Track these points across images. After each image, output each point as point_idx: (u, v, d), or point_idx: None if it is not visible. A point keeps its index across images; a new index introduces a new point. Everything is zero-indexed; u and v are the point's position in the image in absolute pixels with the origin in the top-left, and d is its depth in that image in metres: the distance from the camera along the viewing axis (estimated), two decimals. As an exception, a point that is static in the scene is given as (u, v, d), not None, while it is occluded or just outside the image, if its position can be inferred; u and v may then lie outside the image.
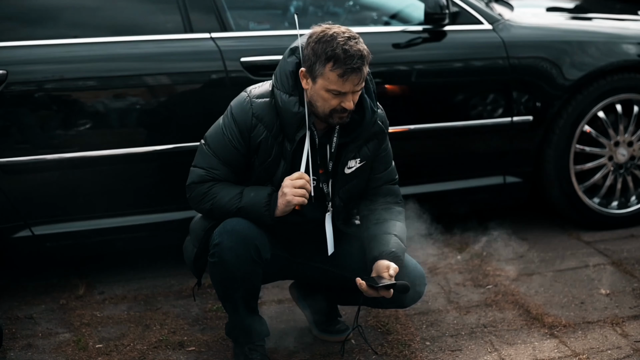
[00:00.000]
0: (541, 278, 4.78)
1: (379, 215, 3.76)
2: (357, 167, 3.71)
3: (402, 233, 3.73)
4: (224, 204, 3.58)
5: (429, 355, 4.01)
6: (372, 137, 3.73)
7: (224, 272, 3.56)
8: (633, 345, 4.05)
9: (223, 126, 3.64)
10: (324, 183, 3.68)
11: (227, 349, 4.05)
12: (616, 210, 5.44)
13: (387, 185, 3.84)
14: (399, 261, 3.61)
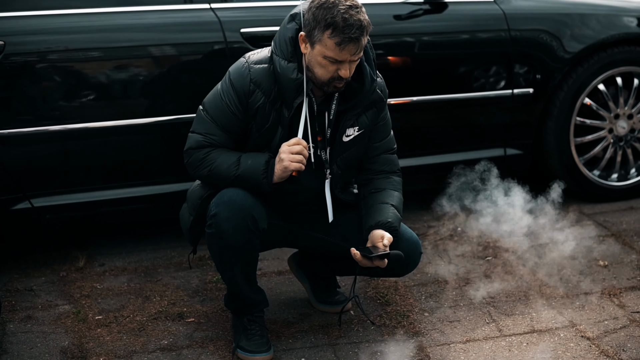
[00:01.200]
0: (541, 249, 4.79)
1: (376, 184, 3.77)
2: (356, 135, 3.71)
3: (399, 203, 3.74)
4: (222, 172, 3.59)
5: (427, 326, 4.02)
6: (371, 106, 3.73)
7: (221, 242, 3.58)
8: (630, 316, 4.06)
9: (221, 92, 3.63)
10: (322, 150, 3.68)
11: (226, 320, 4.07)
12: (616, 182, 5.44)
13: (385, 154, 3.83)
14: (394, 231, 3.61)
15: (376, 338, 3.93)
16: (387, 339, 3.92)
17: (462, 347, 3.85)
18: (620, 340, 3.86)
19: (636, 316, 4.06)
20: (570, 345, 3.83)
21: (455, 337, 3.93)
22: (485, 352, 3.80)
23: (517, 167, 5.32)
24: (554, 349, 3.81)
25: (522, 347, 3.84)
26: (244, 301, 3.76)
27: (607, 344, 3.83)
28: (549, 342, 3.86)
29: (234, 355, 3.78)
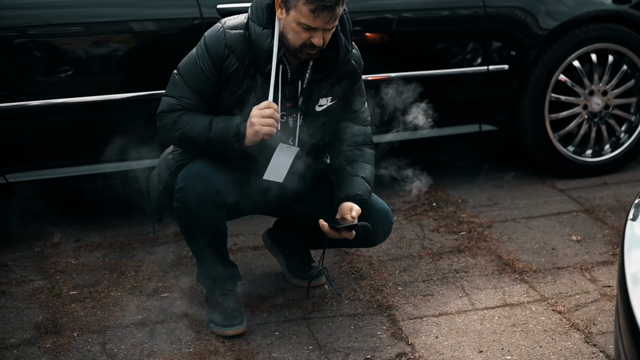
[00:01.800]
0: (514, 225, 4.82)
1: (348, 156, 3.77)
2: (329, 105, 3.71)
3: (370, 175, 3.75)
4: (194, 135, 3.57)
5: (401, 300, 4.05)
6: (345, 76, 3.73)
7: (188, 216, 3.59)
8: (601, 290, 4.10)
9: (196, 56, 3.62)
10: (291, 117, 3.69)
11: (200, 295, 4.08)
12: (590, 158, 5.47)
13: (358, 126, 3.83)
14: (364, 204, 3.63)
15: (350, 312, 3.96)
16: (361, 313, 3.95)
17: (435, 321, 3.88)
18: (590, 314, 3.90)
19: (607, 290, 4.09)
20: (542, 319, 3.87)
21: (428, 311, 3.96)
22: (458, 325, 3.84)
23: (492, 143, 5.34)
24: (525, 322, 3.84)
25: (493, 320, 3.87)
26: (214, 275, 3.78)
27: (578, 318, 3.87)
28: (520, 316, 3.89)
29: (207, 330, 3.80)
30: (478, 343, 3.70)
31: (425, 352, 3.64)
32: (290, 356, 3.63)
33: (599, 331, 3.76)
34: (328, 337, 3.77)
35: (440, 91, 5.17)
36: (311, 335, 3.78)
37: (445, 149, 5.35)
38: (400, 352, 3.64)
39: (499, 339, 3.73)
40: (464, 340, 3.72)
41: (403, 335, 3.77)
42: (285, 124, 3.68)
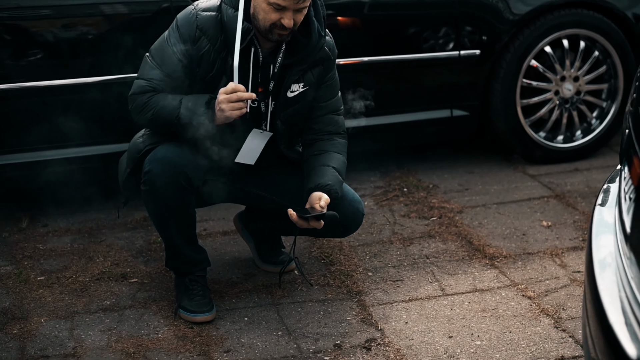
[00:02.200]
0: (485, 210, 4.81)
1: (320, 146, 3.76)
2: (300, 91, 3.69)
3: (341, 166, 3.72)
4: (165, 115, 3.55)
5: (371, 286, 4.04)
6: (318, 63, 3.70)
7: (155, 200, 3.56)
8: (571, 276, 4.10)
9: (167, 38, 3.60)
10: (263, 102, 3.66)
11: (169, 280, 4.06)
12: (561, 144, 5.47)
13: (331, 114, 3.81)
14: (334, 194, 3.60)
15: (319, 297, 3.94)
16: (331, 299, 3.93)
17: (405, 306, 3.87)
18: (560, 299, 3.90)
19: (577, 276, 4.10)
20: (511, 305, 3.87)
21: (398, 296, 3.95)
22: (427, 310, 3.83)
23: (463, 128, 5.33)
24: (495, 307, 3.84)
25: (463, 306, 3.86)
26: (183, 260, 3.75)
27: (548, 303, 3.87)
28: (490, 301, 3.89)
29: (176, 315, 3.77)
30: (448, 328, 3.69)
31: (394, 337, 3.63)
32: (259, 342, 3.61)
33: (568, 316, 3.76)
34: (297, 322, 3.75)
35: (412, 76, 5.16)
36: (280, 320, 3.76)
37: (417, 134, 5.33)
38: (370, 338, 3.63)
39: (468, 324, 3.72)
40: (434, 326, 3.71)
41: (373, 320, 3.76)
42: (258, 109, 3.66)
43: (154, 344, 3.58)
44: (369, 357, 3.50)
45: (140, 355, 3.51)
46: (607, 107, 5.48)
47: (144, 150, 3.64)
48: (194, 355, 3.52)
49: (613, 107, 5.46)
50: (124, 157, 3.83)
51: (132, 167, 3.69)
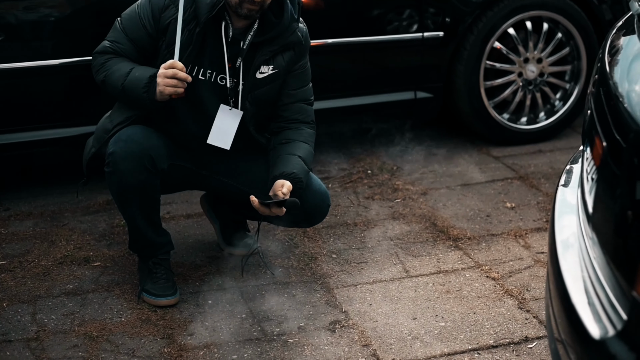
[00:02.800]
0: (449, 192, 4.82)
1: (287, 135, 3.73)
2: (269, 74, 3.67)
3: (307, 155, 3.70)
4: (113, 80, 3.57)
5: (335, 268, 4.03)
6: (289, 47, 3.69)
7: (119, 182, 3.53)
8: (534, 257, 4.12)
9: (138, 4, 3.65)
10: (231, 79, 3.65)
11: (132, 264, 4.03)
12: (525, 126, 5.49)
13: (300, 103, 3.79)
14: (299, 183, 3.58)
15: (283, 280, 3.93)
16: (295, 281, 3.93)
17: (369, 288, 3.87)
18: (524, 280, 3.92)
19: (540, 257, 4.12)
20: (476, 286, 3.88)
21: (362, 279, 3.95)
22: (392, 292, 3.83)
23: (427, 110, 5.33)
24: (459, 289, 3.85)
25: (427, 287, 3.87)
26: (146, 243, 3.73)
27: (512, 284, 3.88)
28: (454, 283, 3.90)
29: (139, 299, 3.75)
30: (412, 310, 3.70)
31: (359, 319, 3.63)
32: (223, 325, 3.60)
33: (532, 297, 3.78)
34: (261, 305, 3.74)
35: (375, 58, 5.15)
36: (244, 303, 3.75)
37: (381, 115, 5.33)
38: (334, 320, 3.63)
39: (432, 305, 3.73)
40: (398, 307, 3.72)
41: (337, 303, 3.76)
42: (224, 86, 3.64)
43: (118, 328, 3.56)
44: (333, 339, 3.50)
45: (104, 339, 3.49)
46: (570, 88, 5.50)
47: (112, 130, 3.61)
48: (158, 339, 3.50)
49: (576, 88, 5.48)
50: (91, 138, 3.80)
51: (98, 147, 3.66)
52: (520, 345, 3.46)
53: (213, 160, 3.78)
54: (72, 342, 3.47)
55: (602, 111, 2.53)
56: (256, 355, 3.40)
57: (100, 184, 4.60)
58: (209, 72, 3.63)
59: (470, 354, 3.40)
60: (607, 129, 2.42)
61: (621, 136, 2.31)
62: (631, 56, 2.62)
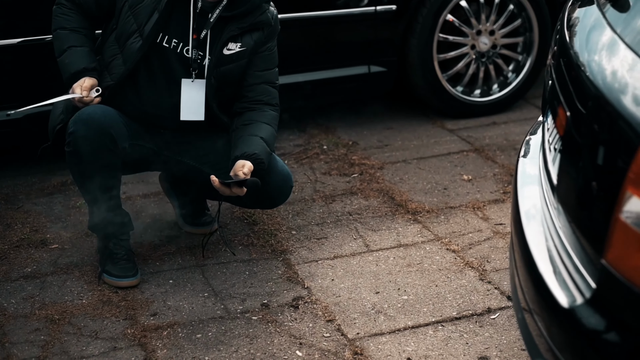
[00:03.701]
0: (405, 166, 4.83)
1: (250, 116, 3.70)
2: (237, 51, 3.65)
3: (269, 137, 3.67)
4: (55, 45, 3.68)
5: (295, 244, 4.03)
6: (258, 27, 3.68)
7: (80, 162, 3.49)
8: (493, 228, 4.14)
9: None
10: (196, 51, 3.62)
11: (91, 245, 3.99)
12: (479, 98, 5.50)
13: (265, 85, 3.76)
14: (261, 164, 3.55)
15: (244, 258, 3.92)
16: (255, 258, 3.92)
17: (330, 263, 3.87)
18: (484, 252, 3.94)
19: (499, 228, 4.14)
20: (436, 259, 3.89)
21: (323, 254, 3.95)
22: (353, 267, 3.84)
23: (381, 84, 5.33)
24: (420, 262, 3.87)
25: (389, 261, 3.88)
26: (107, 224, 3.69)
27: (472, 256, 3.90)
28: (415, 256, 3.91)
29: (100, 280, 3.72)
30: (374, 284, 3.70)
31: (321, 295, 3.63)
32: (185, 304, 3.58)
33: (492, 268, 3.80)
34: (223, 283, 3.73)
35: (328, 32, 5.13)
36: (206, 282, 3.74)
37: (335, 90, 5.31)
38: (297, 296, 3.62)
39: (394, 279, 3.74)
40: (360, 282, 3.72)
41: (299, 279, 3.76)
42: (187, 58, 3.62)
43: (79, 310, 3.53)
44: (297, 315, 3.50)
45: (65, 321, 3.46)
46: (522, 60, 5.53)
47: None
48: (120, 320, 3.47)
49: (529, 60, 5.51)
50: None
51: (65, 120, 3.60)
52: (483, 316, 3.48)
53: (174, 140, 3.75)
54: (34, 325, 3.43)
55: (564, 81, 2.55)
56: (220, 333, 3.39)
57: (54, 165, 4.58)
58: (174, 41, 3.61)
59: (434, 327, 3.42)
60: (570, 98, 2.43)
61: (583, 105, 2.32)
62: (589, 26, 2.63)
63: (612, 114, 2.13)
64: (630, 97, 2.12)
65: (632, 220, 1.96)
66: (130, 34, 3.59)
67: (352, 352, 3.27)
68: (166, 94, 3.65)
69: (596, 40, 2.52)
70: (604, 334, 2.06)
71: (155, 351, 3.29)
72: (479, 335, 3.37)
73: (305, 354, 3.27)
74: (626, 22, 2.41)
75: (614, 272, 2.01)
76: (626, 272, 1.98)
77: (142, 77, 3.63)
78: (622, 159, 2.01)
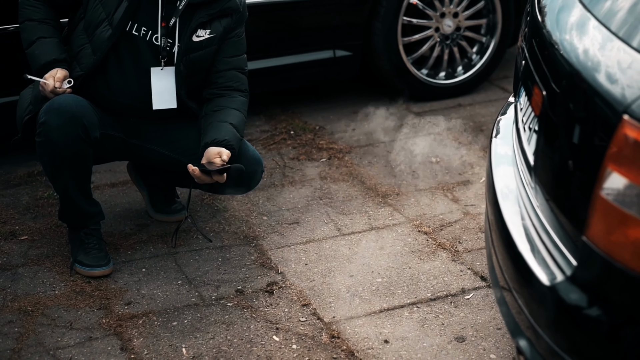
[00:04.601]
0: (373, 149, 4.84)
1: (219, 102, 3.69)
2: (206, 38, 3.64)
3: (239, 123, 3.66)
4: (23, 37, 3.65)
5: (267, 230, 4.03)
6: (227, 13, 3.68)
7: (51, 151, 3.46)
8: (463, 209, 4.17)
9: None
10: (164, 39, 3.61)
11: (61, 235, 3.96)
12: (443, 80, 5.52)
13: (235, 71, 3.76)
14: (231, 150, 3.54)
15: (216, 244, 3.91)
16: (228, 245, 3.91)
17: (303, 248, 3.87)
18: (455, 233, 3.96)
19: (470, 209, 4.17)
20: (409, 241, 3.91)
21: (295, 239, 3.95)
22: (326, 251, 3.84)
23: (347, 68, 5.32)
24: (393, 245, 3.88)
25: (361, 244, 3.89)
26: (78, 213, 3.67)
27: (444, 237, 3.93)
28: (387, 239, 3.93)
29: (72, 271, 3.69)
30: (348, 268, 3.71)
31: (296, 279, 3.64)
32: (159, 292, 3.57)
33: (465, 249, 3.82)
34: (196, 270, 3.72)
35: (293, 18, 5.11)
36: (179, 269, 3.73)
37: (300, 75, 5.30)
38: (272, 282, 3.62)
39: (368, 262, 3.75)
40: (334, 266, 3.73)
41: (272, 264, 3.76)
42: (156, 46, 3.61)
43: (52, 301, 3.50)
44: (272, 301, 3.50)
45: (39, 312, 3.43)
46: (486, 42, 5.55)
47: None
48: (95, 310, 3.45)
49: (492, 41, 5.53)
50: (27, 92, 3.71)
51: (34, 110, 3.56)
52: (458, 296, 3.51)
53: (143, 128, 3.73)
54: (7, 317, 3.40)
55: (538, 61, 2.56)
56: (196, 320, 3.39)
57: (20, 156, 4.53)
58: (143, 29, 3.59)
59: (410, 308, 3.44)
60: (545, 78, 2.45)
61: (559, 84, 2.34)
62: (558, 6, 2.65)
63: (588, 92, 2.15)
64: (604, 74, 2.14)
65: (612, 196, 1.98)
66: (99, 23, 3.57)
67: (329, 335, 3.28)
68: (135, 83, 3.63)
69: (566, 20, 2.53)
70: (586, 309, 2.08)
71: (132, 340, 3.28)
72: (454, 315, 3.39)
73: (282, 338, 3.27)
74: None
75: (595, 249, 2.03)
76: (607, 248, 2.00)
77: (111, 66, 3.61)
78: (601, 136, 2.03)
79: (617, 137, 1.97)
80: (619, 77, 2.09)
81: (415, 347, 3.22)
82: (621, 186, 1.96)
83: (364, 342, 3.24)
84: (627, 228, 1.96)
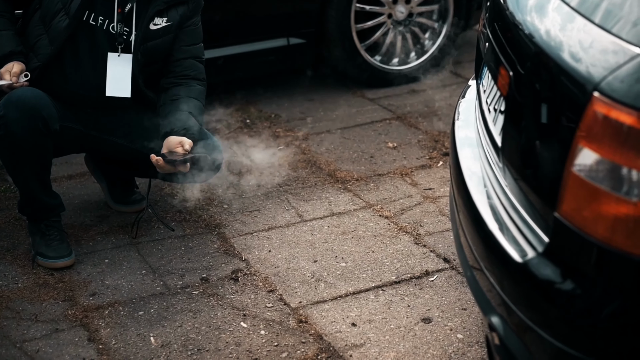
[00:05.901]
0: (330, 136, 4.85)
1: (177, 92, 3.69)
2: (163, 26, 3.64)
3: (198, 111, 3.67)
4: None
5: (228, 218, 4.03)
6: (183, 1, 3.69)
7: (11, 145, 3.43)
8: (423, 193, 4.20)
9: None
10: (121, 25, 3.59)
11: (20, 228, 3.93)
12: (397, 67, 5.55)
13: (192, 59, 3.76)
14: (192, 139, 3.54)
15: (178, 233, 3.90)
16: (190, 234, 3.91)
17: (265, 235, 3.88)
18: (416, 216, 4.00)
19: (429, 193, 4.20)
20: (370, 225, 3.93)
21: (257, 226, 3.96)
22: (289, 238, 3.86)
23: (301, 56, 5.33)
24: (355, 229, 3.90)
25: (323, 230, 3.91)
26: (39, 206, 3.64)
27: (405, 221, 3.96)
28: (349, 224, 3.95)
29: (34, 263, 3.66)
30: (311, 253, 3.73)
31: (260, 266, 3.64)
32: (124, 282, 3.56)
33: (426, 232, 3.86)
34: (160, 260, 3.71)
35: (246, 6, 5.10)
36: (142, 259, 3.72)
37: (255, 64, 5.30)
38: (236, 269, 3.63)
39: (331, 247, 3.77)
40: (298, 252, 3.74)
41: (236, 252, 3.76)
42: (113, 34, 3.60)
43: (16, 294, 3.48)
44: (237, 288, 3.51)
45: (3, 306, 3.40)
46: (438, 27, 5.59)
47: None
48: (59, 302, 3.43)
49: (444, 27, 5.57)
50: None
51: None
52: (422, 279, 3.54)
53: (101, 119, 3.71)
54: (-29, 312, 3.38)
55: (501, 43, 2.59)
56: (162, 309, 3.38)
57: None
58: (100, 18, 3.57)
59: (375, 291, 3.47)
60: (510, 59, 2.48)
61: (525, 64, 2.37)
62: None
63: (555, 71, 2.18)
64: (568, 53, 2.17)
65: (584, 172, 2.01)
66: (56, 13, 3.54)
67: (297, 320, 3.30)
68: (92, 73, 3.61)
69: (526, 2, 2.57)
70: (559, 283, 2.12)
71: (99, 330, 3.27)
72: (419, 297, 3.43)
73: (250, 324, 3.28)
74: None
75: (568, 224, 2.06)
76: (580, 223, 2.04)
77: (67, 56, 3.59)
78: (571, 113, 2.06)
79: (588, 114, 2.00)
80: (585, 55, 2.12)
81: (383, 329, 3.25)
82: (592, 161, 2.00)
83: (332, 326, 3.26)
84: (599, 202, 2.00)
